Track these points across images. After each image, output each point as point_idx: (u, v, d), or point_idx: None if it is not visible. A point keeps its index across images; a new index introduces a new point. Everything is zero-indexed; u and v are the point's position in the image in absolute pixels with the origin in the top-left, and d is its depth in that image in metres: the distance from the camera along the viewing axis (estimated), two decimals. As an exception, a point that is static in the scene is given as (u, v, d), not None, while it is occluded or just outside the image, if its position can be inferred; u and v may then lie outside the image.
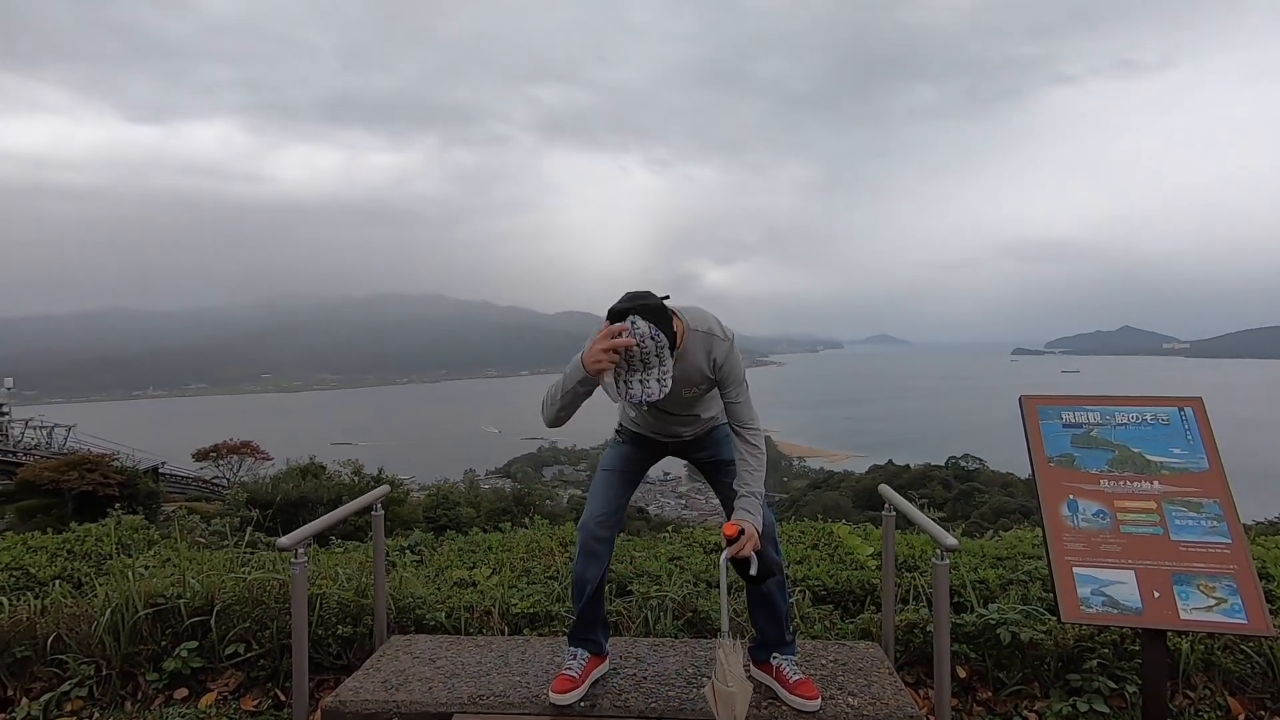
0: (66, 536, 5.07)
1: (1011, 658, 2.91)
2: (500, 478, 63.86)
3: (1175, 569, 2.51)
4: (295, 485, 17.02)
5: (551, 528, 5.70)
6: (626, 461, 2.66)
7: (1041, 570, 3.61)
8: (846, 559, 4.27)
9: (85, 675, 3.10)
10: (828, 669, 2.56)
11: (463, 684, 2.44)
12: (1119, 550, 2.57)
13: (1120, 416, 2.83)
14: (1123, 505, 2.65)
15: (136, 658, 3.16)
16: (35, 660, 3.19)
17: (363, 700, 2.35)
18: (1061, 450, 2.80)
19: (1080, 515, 2.66)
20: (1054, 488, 2.72)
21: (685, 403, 2.50)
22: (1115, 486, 2.69)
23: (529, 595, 3.58)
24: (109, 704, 3.07)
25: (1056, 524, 2.65)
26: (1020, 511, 36.69)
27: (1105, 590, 2.52)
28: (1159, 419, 2.80)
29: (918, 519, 2.42)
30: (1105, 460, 2.75)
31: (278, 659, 3.16)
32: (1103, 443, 2.79)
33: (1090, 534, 2.62)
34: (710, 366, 2.38)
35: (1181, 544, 2.54)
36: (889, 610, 2.85)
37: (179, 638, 3.21)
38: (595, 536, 2.48)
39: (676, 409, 2.53)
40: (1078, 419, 2.86)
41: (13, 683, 3.15)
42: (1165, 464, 2.70)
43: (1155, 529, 2.59)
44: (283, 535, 2.49)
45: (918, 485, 45.75)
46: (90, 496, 21.68)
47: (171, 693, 3.10)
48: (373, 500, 2.90)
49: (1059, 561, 2.59)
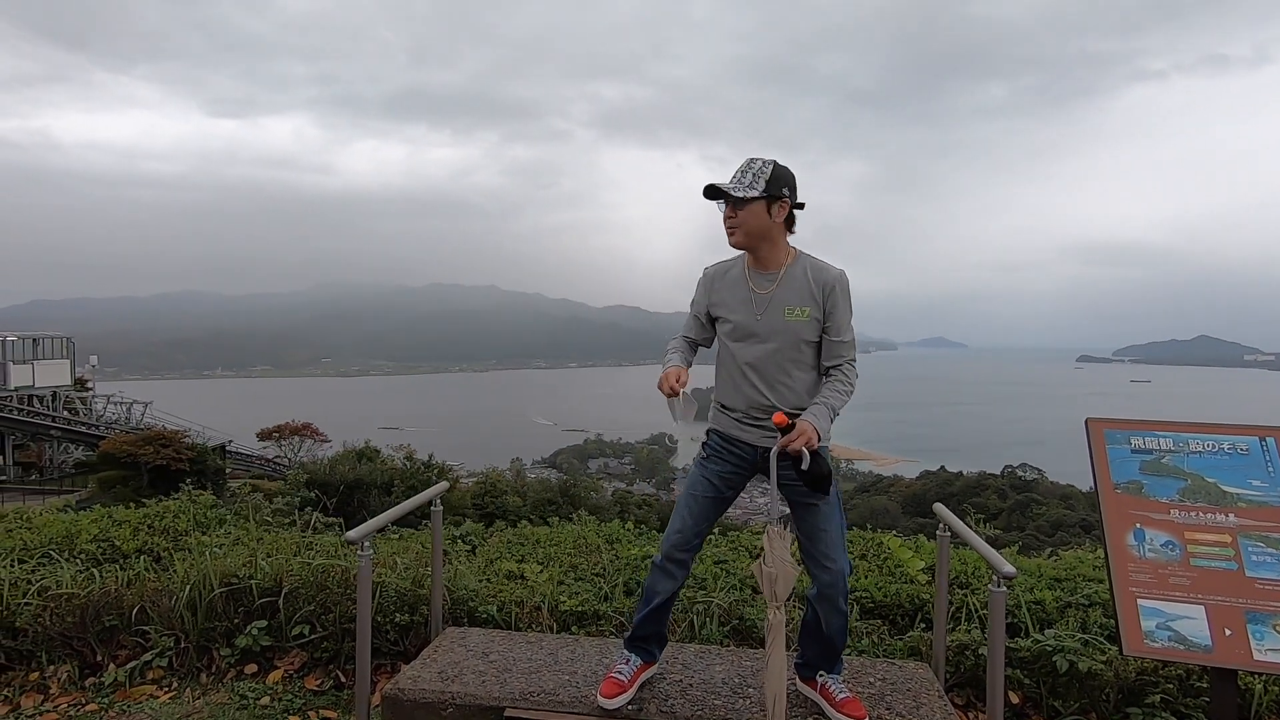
0: (147, 512, 5.41)
1: (1068, 686, 2.83)
2: (546, 468, 64.82)
3: (1249, 607, 2.40)
4: (351, 468, 17.68)
5: (598, 524, 5.79)
6: (709, 486, 2.48)
7: (1102, 594, 3.48)
8: (896, 572, 4.21)
9: (165, 646, 3.32)
10: (875, 688, 2.55)
11: (514, 679, 2.53)
12: (1188, 584, 2.47)
13: (1195, 444, 2.71)
14: (1194, 537, 2.54)
15: (211, 633, 3.36)
16: (121, 629, 3.43)
17: (420, 689, 2.45)
18: (1129, 477, 2.70)
19: (1147, 545, 2.57)
20: (1120, 515, 2.63)
21: (784, 335, 2.34)
22: (1187, 517, 2.58)
23: (578, 593, 3.66)
24: (186, 674, 3.28)
25: (1121, 553, 2.57)
26: (1081, 526, 35.27)
27: (1172, 625, 2.43)
28: (1238, 448, 2.67)
29: (974, 543, 2.38)
30: (1176, 489, 2.64)
31: (339, 642, 3.32)
32: (1174, 471, 2.68)
33: (1158, 565, 2.52)
34: (820, 291, 2.32)
35: (1258, 581, 2.43)
36: (940, 631, 2.81)
37: (250, 616, 3.40)
38: (672, 559, 2.48)
39: (774, 339, 2.35)
40: (1148, 445, 2.75)
41: (102, 649, 3.39)
42: (1243, 496, 2.57)
43: (1229, 564, 2.48)
44: (339, 516, 2.61)
45: (971, 494, 44.44)
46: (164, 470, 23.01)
47: (242, 668, 3.29)
48: (433, 496, 3.02)
49: (1123, 592, 2.50)
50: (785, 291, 2.36)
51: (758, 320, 2.37)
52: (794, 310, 2.35)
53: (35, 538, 4.51)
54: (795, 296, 2.35)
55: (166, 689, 3.18)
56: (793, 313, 2.35)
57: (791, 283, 2.36)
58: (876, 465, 79.55)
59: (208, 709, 3.00)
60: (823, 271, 2.37)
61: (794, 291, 2.36)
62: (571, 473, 49.65)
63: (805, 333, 2.36)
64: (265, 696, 3.10)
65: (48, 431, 30.25)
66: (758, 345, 2.39)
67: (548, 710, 2.36)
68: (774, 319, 2.36)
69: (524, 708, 2.36)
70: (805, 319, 2.35)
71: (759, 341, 2.39)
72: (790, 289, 2.35)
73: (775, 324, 2.36)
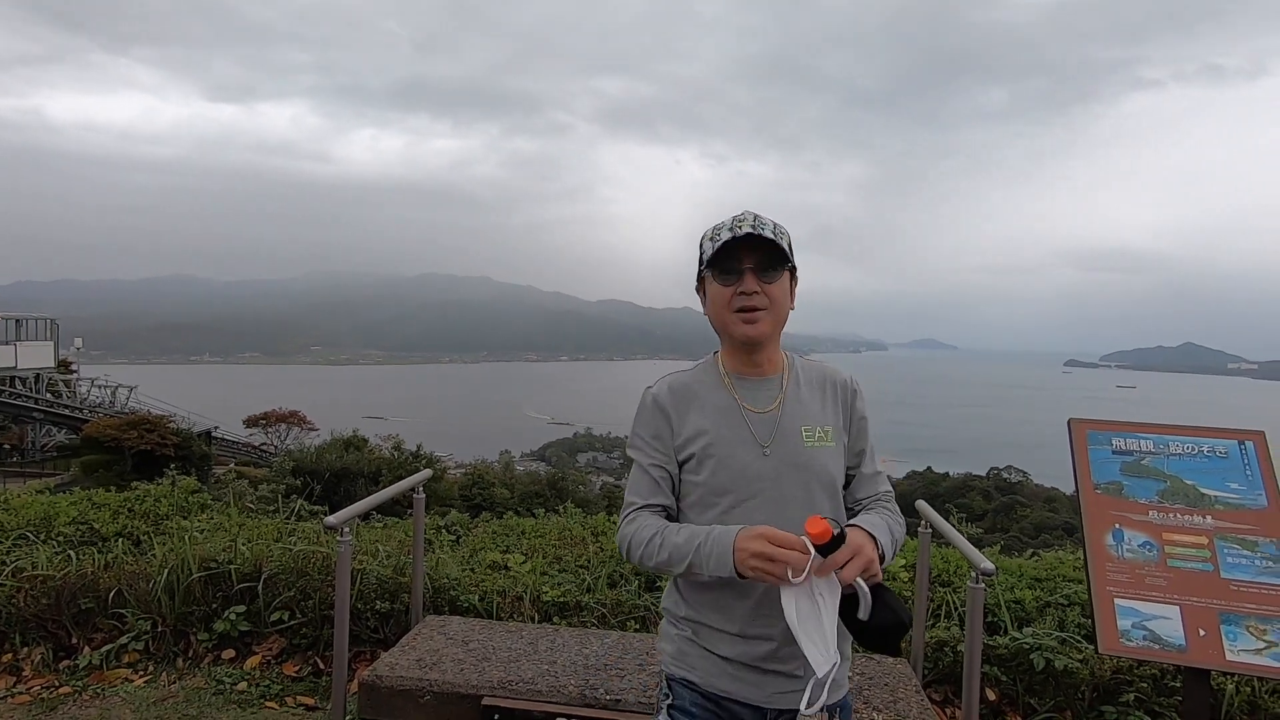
0: (127, 496, 5.36)
1: (1044, 684, 2.85)
2: (535, 460, 64.77)
3: (1224, 608, 2.43)
4: (339, 456, 17.60)
5: (584, 516, 5.78)
6: None
7: (1081, 595, 3.51)
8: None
9: (142, 630, 3.29)
10: (854, 682, 2.55)
11: (493, 668, 2.52)
12: (1165, 584, 2.49)
13: (1175, 446, 2.73)
14: (1171, 538, 2.57)
15: (189, 617, 3.34)
16: (97, 612, 3.39)
17: (398, 676, 2.44)
18: (1109, 477, 2.72)
19: (1125, 545, 2.59)
20: (1099, 515, 2.65)
21: (805, 472, 1.47)
22: (1165, 519, 2.60)
23: (560, 584, 3.65)
24: (162, 659, 3.25)
25: (1100, 553, 2.58)
26: (1064, 529, 35.67)
27: (1147, 624, 2.45)
28: (1216, 451, 2.69)
29: (955, 539, 2.39)
30: (1155, 491, 2.66)
31: (318, 628, 3.30)
32: (1154, 472, 2.70)
33: (1135, 565, 2.54)
34: (840, 399, 1.57)
35: (1233, 583, 2.45)
36: (919, 628, 2.82)
37: (228, 601, 3.37)
38: None
39: (787, 480, 1.46)
40: (1129, 446, 2.77)
41: (77, 632, 3.35)
42: (1220, 498, 2.60)
43: (1205, 565, 2.50)
44: (325, 505, 2.59)
45: (956, 495, 44.82)
46: (148, 455, 22.78)
47: (219, 653, 3.27)
48: (415, 484, 3.00)
49: (1100, 591, 2.52)
50: (797, 400, 1.54)
51: (765, 455, 1.47)
52: (813, 432, 1.51)
53: (12, 519, 4.46)
54: (809, 407, 1.54)
55: (142, 673, 3.16)
56: (811, 434, 1.50)
57: (799, 388, 1.56)
58: (864, 464, 79.94)
59: (183, 693, 2.98)
60: (833, 373, 1.61)
61: (805, 401, 1.54)
62: (560, 466, 49.60)
63: (833, 465, 1.52)
64: (242, 682, 3.08)
65: (30, 413, 29.92)
66: (764, 500, 1.45)
67: (525, 699, 2.35)
68: (789, 448, 1.48)
69: (501, 696, 2.36)
70: (830, 444, 1.52)
71: (767, 487, 1.46)
72: (801, 395, 1.55)
73: (793, 444, 1.49)
